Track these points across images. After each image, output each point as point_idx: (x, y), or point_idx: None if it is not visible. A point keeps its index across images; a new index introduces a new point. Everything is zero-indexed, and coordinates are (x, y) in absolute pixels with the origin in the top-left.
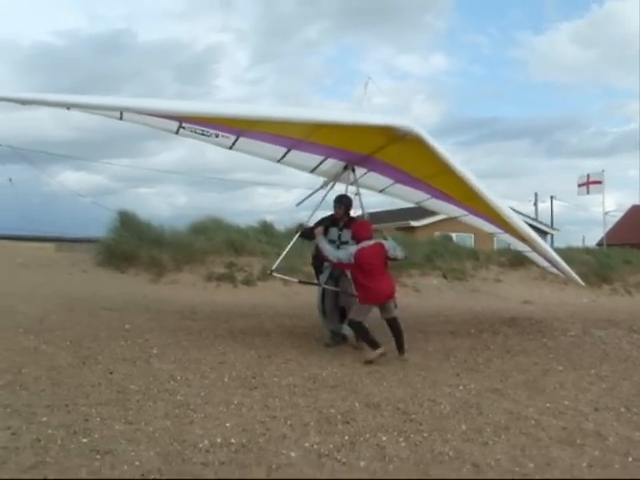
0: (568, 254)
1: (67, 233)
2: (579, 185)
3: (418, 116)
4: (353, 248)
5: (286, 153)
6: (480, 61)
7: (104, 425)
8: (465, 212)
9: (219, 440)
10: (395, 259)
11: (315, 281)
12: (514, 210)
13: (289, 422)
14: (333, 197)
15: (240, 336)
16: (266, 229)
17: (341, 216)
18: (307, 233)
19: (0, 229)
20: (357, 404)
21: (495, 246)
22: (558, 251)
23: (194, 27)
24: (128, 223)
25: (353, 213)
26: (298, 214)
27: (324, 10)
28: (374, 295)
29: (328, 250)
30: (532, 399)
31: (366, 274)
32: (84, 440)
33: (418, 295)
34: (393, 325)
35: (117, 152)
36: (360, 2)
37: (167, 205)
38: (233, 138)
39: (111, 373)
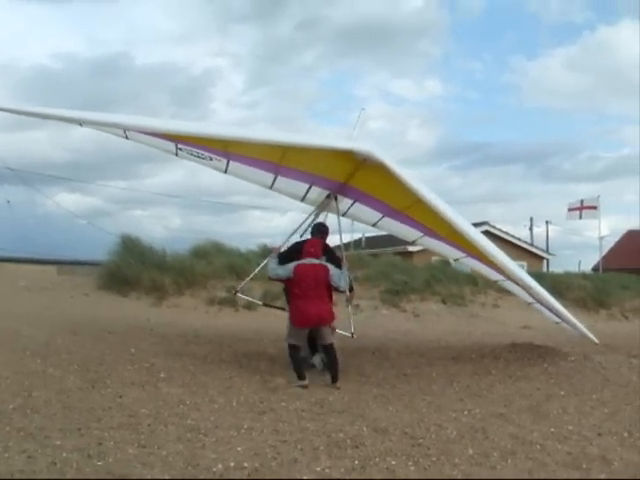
0: (565, 279)
1: (63, 255)
2: (569, 209)
3: (413, 141)
4: (293, 264)
5: (274, 180)
6: (474, 86)
7: (118, 449)
8: (463, 254)
9: (232, 464)
10: (336, 289)
11: (280, 305)
12: (505, 237)
13: (299, 446)
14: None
15: (245, 361)
16: (266, 253)
17: None
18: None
19: (1, 251)
20: (365, 429)
21: None
22: (555, 276)
23: (191, 51)
24: (130, 247)
25: (329, 241)
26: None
27: (320, 35)
28: (301, 316)
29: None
30: (536, 424)
31: (298, 292)
32: (99, 463)
33: (417, 320)
34: (327, 352)
35: (113, 174)
36: (355, 28)
37: (161, 227)
38: (224, 162)
39: (121, 397)
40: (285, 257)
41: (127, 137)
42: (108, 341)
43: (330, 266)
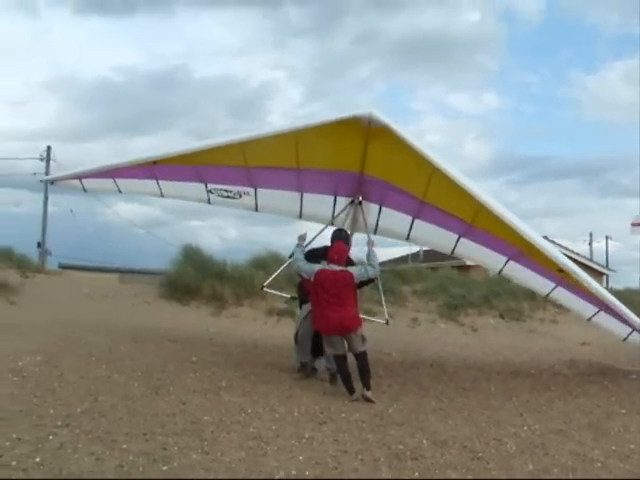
0: (626, 295)
1: (124, 263)
2: (633, 224)
3: (469, 154)
4: (317, 267)
5: (301, 200)
6: (530, 100)
7: (182, 454)
8: (504, 257)
9: (294, 472)
10: (371, 281)
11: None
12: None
13: (360, 457)
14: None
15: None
16: None
17: None
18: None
19: (62, 258)
20: (425, 441)
21: None
22: (615, 292)
23: (249, 64)
24: (192, 256)
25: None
26: None
27: (376, 49)
28: (322, 323)
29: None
30: (597, 441)
31: (320, 299)
32: (164, 468)
33: (475, 334)
34: (358, 360)
35: None
36: (412, 41)
37: (218, 238)
38: (252, 193)
39: (184, 404)
40: (309, 258)
41: (162, 195)
42: (169, 349)
43: (352, 269)
